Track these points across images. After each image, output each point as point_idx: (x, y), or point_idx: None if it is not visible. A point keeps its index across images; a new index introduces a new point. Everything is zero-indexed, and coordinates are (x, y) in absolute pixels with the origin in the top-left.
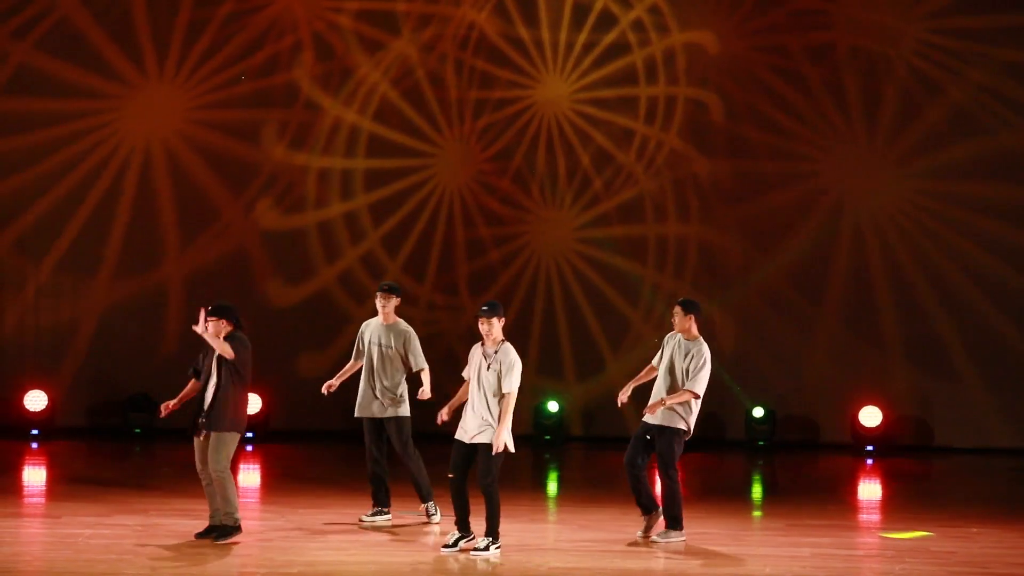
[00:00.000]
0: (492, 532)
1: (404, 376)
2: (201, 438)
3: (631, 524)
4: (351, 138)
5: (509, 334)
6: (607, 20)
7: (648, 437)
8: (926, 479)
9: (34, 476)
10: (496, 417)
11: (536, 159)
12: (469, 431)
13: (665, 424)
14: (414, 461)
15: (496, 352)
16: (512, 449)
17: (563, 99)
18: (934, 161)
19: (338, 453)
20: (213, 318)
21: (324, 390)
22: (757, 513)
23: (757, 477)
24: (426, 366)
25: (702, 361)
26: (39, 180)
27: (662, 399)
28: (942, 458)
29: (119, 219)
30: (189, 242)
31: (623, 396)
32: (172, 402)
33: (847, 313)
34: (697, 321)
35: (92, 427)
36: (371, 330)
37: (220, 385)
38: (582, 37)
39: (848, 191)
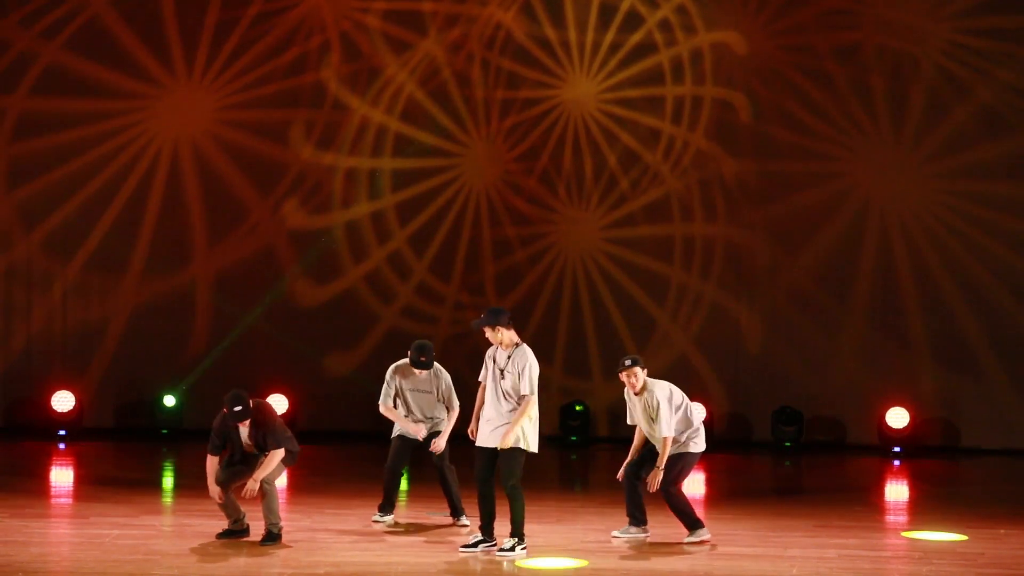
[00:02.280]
0: (517, 533)
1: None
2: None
3: (657, 525)
4: (378, 138)
5: (536, 335)
6: (634, 20)
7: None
8: (953, 480)
9: (62, 477)
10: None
11: (563, 159)
12: (488, 438)
13: (681, 451)
14: (452, 474)
15: (510, 357)
16: (535, 449)
17: (589, 99)
18: (961, 161)
19: (365, 453)
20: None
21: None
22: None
23: (785, 473)
24: (456, 408)
25: (657, 402)
26: (67, 180)
27: (659, 468)
28: (970, 459)
29: (147, 219)
30: (217, 242)
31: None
32: (213, 491)
33: (874, 314)
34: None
35: (119, 428)
36: (408, 378)
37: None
38: (609, 37)
39: (875, 191)
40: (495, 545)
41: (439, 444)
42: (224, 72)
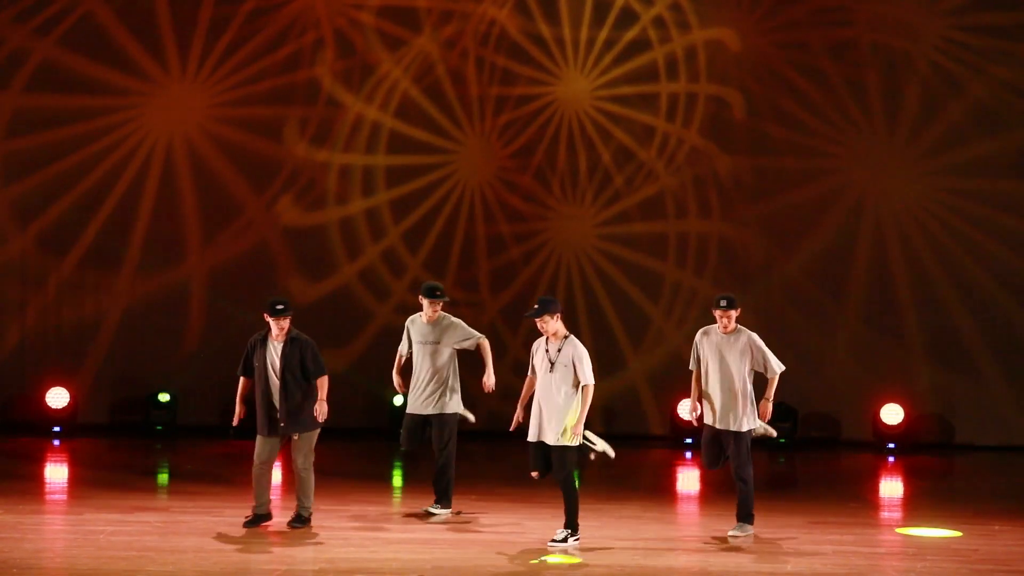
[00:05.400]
0: (571, 524)
1: (453, 372)
2: (276, 436)
3: (652, 521)
4: (372, 135)
5: (530, 332)
6: (628, 17)
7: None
8: (948, 477)
9: (56, 473)
10: (567, 412)
11: (557, 156)
12: (542, 431)
13: (738, 428)
14: (450, 462)
15: (560, 350)
16: (595, 443)
17: (584, 96)
18: (956, 158)
19: (359, 450)
20: (288, 316)
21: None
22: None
23: (780, 469)
24: (484, 339)
25: (759, 343)
26: (61, 176)
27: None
28: (964, 456)
29: (141, 215)
30: (211, 238)
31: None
32: (238, 410)
33: (868, 311)
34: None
35: (114, 424)
36: (416, 328)
37: (287, 388)
38: (603, 34)
39: (869, 188)
40: (578, 538)
41: (488, 382)
42: (218, 69)
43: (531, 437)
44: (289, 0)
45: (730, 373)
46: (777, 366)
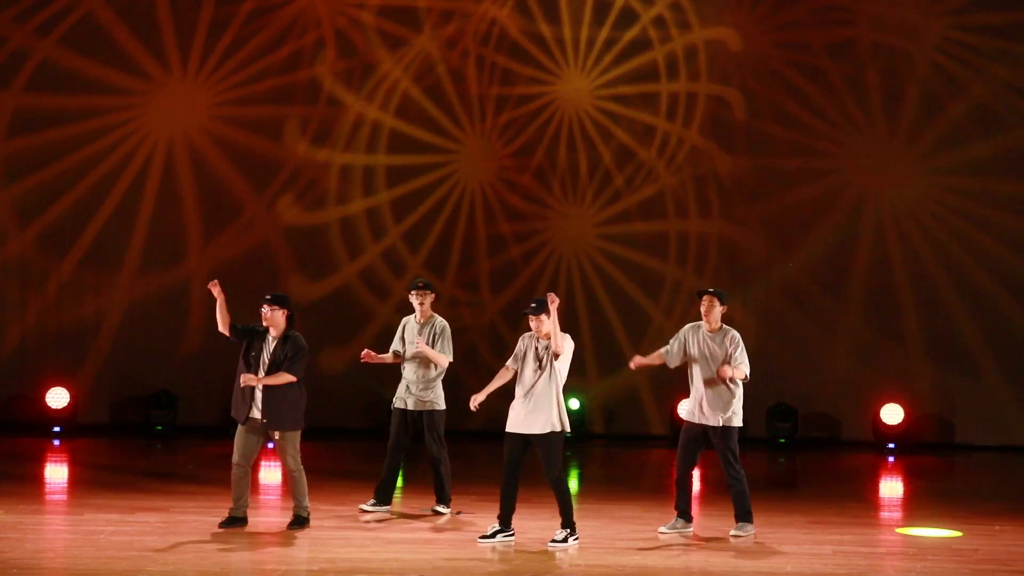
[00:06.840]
0: (568, 524)
1: (439, 371)
2: (252, 428)
3: (652, 521)
4: (373, 134)
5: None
6: (628, 16)
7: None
8: (948, 477)
9: (56, 473)
10: (552, 405)
11: (557, 155)
12: (523, 422)
13: (726, 424)
14: (445, 460)
15: (547, 347)
16: (569, 429)
17: (584, 95)
18: (956, 157)
19: (360, 450)
20: (276, 307)
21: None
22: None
23: (780, 469)
24: (446, 362)
25: (741, 346)
26: (62, 176)
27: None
28: (964, 456)
29: (142, 215)
30: (212, 238)
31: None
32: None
33: (868, 311)
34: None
35: (114, 424)
36: (409, 327)
37: (270, 385)
38: (603, 33)
39: (870, 188)
40: (513, 535)
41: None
42: (219, 68)
43: (510, 427)
44: (290, 0)
45: (716, 371)
46: (744, 370)
